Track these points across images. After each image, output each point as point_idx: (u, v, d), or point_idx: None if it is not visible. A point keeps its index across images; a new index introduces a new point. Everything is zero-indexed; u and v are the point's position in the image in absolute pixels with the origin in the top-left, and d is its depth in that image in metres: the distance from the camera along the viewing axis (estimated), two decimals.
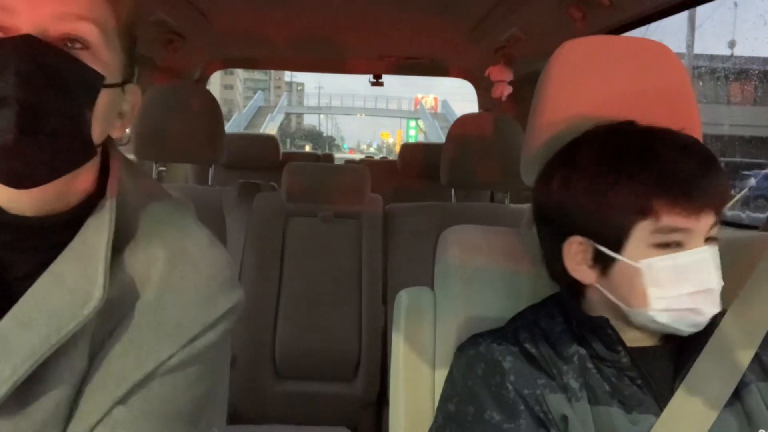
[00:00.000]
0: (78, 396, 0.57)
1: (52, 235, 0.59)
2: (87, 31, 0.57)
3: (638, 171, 0.69)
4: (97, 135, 0.59)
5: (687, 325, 0.70)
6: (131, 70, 0.65)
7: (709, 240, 0.70)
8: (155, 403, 0.59)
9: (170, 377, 0.60)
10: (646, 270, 0.69)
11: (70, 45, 0.56)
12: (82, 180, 0.61)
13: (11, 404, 0.53)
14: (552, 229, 0.77)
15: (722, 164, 0.72)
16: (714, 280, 0.68)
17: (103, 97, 0.58)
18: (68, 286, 0.56)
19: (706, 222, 0.69)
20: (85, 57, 0.56)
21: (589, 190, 0.71)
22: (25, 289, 0.56)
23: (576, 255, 0.74)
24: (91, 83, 0.57)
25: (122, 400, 0.57)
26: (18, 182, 0.54)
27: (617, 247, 0.70)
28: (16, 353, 0.53)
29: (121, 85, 0.62)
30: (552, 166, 0.77)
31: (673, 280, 0.68)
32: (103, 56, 0.58)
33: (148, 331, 0.59)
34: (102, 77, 0.57)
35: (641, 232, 0.69)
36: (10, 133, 0.51)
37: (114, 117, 0.63)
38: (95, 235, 0.59)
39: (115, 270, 0.59)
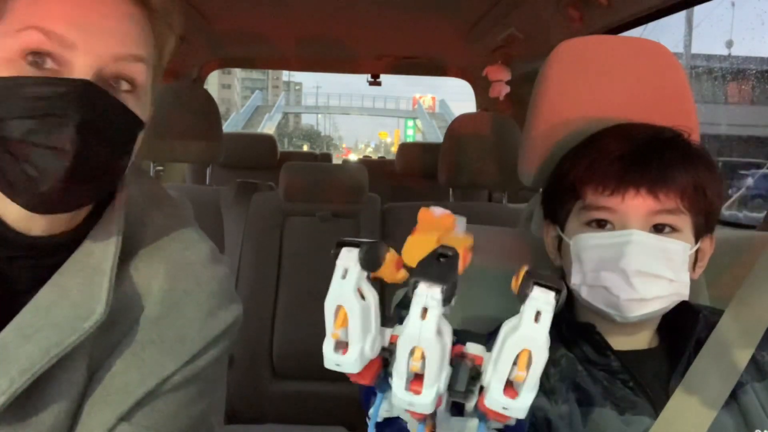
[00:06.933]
0: (79, 410, 0.57)
1: (54, 252, 0.59)
2: (139, 72, 0.57)
3: (580, 158, 0.74)
4: (127, 168, 0.60)
5: (604, 304, 0.70)
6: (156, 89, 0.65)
7: (659, 228, 0.69)
8: (159, 420, 0.59)
9: (174, 395, 0.60)
10: (573, 245, 0.72)
11: (116, 85, 0.56)
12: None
13: (9, 416, 0.53)
14: (545, 214, 0.83)
15: (696, 155, 0.71)
16: (631, 264, 0.67)
17: (139, 137, 0.59)
18: (71, 299, 0.56)
19: (636, 204, 0.68)
20: (130, 100, 0.56)
21: (554, 177, 0.78)
22: (27, 301, 0.56)
23: (553, 239, 0.79)
24: (133, 130, 0.57)
25: (126, 417, 0.57)
26: (45, 211, 0.55)
27: (563, 228, 0.76)
28: (15, 365, 0.52)
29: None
30: None
31: (592, 257, 0.70)
32: (145, 96, 0.59)
33: (151, 346, 0.59)
34: (142, 123, 0.58)
35: (575, 211, 0.74)
36: (59, 181, 0.51)
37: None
38: (101, 248, 0.59)
39: (117, 282, 0.58)
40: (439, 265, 0.38)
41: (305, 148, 35.10)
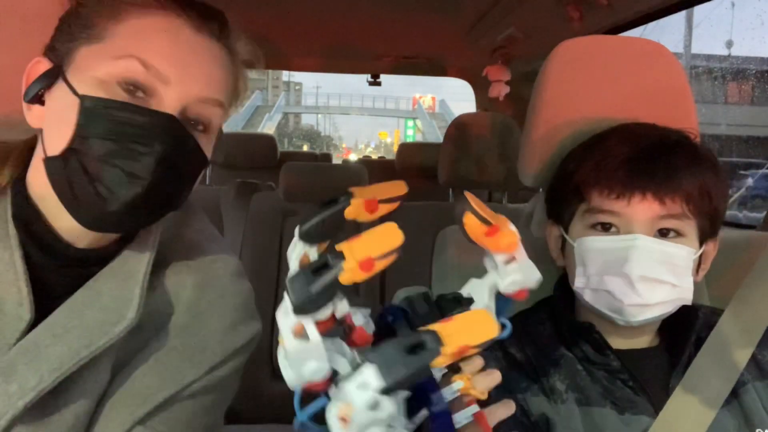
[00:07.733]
0: (98, 409, 0.58)
1: (94, 263, 0.60)
2: (216, 115, 0.60)
3: (585, 159, 0.73)
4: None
5: (607, 308, 0.70)
6: None
7: (663, 232, 0.69)
8: (174, 426, 0.60)
9: (191, 402, 0.61)
10: (577, 247, 0.72)
11: (193, 124, 0.58)
12: None
13: (33, 414, 0.53)
14: (548, 214, 0.82)
15: (702, 159, 0.70)
16: (634, 269, 0.67)
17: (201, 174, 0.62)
18: (103, 304, 0.57)
19: (641, 208, 0.68)
20: (202, 140, 0.59)
21: (558, 177, 0.78)
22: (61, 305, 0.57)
23: (557, 239, 0.79)
24: (200, 168, 0.60)
25: (142, 421, 0.58)
26: (100, 229, 0.57)
27: (567, 229, 0.75)
28: (45, 363, 0.53)
29: None
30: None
31: (596, 260, 0.70)
32: (213, 138, 0.61)
33: (173, 353, 0.61)
34: (209, 163, 0.61)
35: (580, 213, 0.73)
36: (125, 205, 0.53)
37: None
38: (136, 258, 0.61)
39: (148, 290, 0.60)
40: None
41: (305, 148, 35.08)
